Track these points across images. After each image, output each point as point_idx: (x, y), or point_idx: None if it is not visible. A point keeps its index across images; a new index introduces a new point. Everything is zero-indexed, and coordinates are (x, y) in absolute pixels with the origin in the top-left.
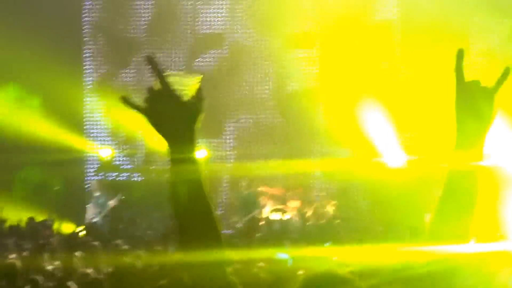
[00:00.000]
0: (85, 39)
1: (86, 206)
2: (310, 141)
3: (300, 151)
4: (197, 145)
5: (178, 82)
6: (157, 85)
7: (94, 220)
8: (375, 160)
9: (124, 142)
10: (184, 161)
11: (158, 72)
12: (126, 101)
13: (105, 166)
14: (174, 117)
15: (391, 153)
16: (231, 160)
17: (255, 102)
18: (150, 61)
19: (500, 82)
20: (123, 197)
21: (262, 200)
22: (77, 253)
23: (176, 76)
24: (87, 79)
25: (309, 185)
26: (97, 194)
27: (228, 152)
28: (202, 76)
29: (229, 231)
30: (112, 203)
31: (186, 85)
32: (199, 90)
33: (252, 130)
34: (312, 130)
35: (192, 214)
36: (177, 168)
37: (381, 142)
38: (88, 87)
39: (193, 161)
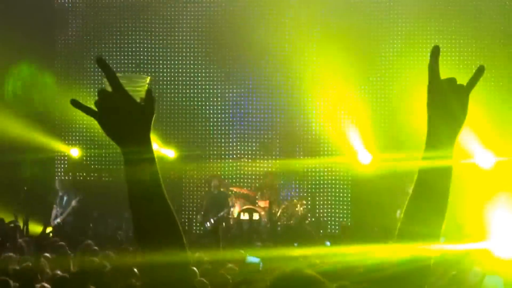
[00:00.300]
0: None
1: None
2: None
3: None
4: (151, 147)
5: (128, 84)
6: (108, 87)
7: (57, 220)
8: (351, 158)
9: (93, 141)
10: (139, 162)
11: (110, 74)
12: (76, 104)
13: (75, 166)
14: (126, 120)
15: (364, 151)
16: (204, 159)
17: None
18: (101, 62)
19: (474, 80)
20: (82, 198)
21: (232, 200)
22: (46, 254)
23: (126, 78)
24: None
25: (281, 184)
26: (60, 193)
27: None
28: (150, 77)
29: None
30: (74, 203)
31: (137, 87)
32: (149, 91)
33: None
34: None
35: (150, 216)
36: (131, 169)
37: (356, 139)
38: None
39: (148, 161)
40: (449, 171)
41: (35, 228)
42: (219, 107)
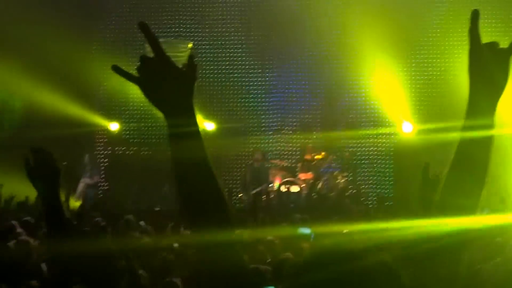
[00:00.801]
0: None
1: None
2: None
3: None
4: (196, 117)
5: (170, 49)
6: (150, 53)
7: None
8: (394, 128)
9: (132, 115)
10: (185, 135)
11: (152, 39)
12: (118, 70)
13: (114, 140)
14: (170, 85)
15: (407, 121)
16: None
17: None
18: (143, 28)
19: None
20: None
21: (272, 173)
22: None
23: (168, 43)
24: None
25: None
26: (88, 167)
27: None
28: (192, 43)
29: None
30: (92, 180)
31: (178, 52)
32: (191, 57)
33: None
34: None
35: (198, 193)
36: (177, 144)
37: (398, 110)
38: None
39: (194, 135)
40: (490, 141)
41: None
42: (259, 79)
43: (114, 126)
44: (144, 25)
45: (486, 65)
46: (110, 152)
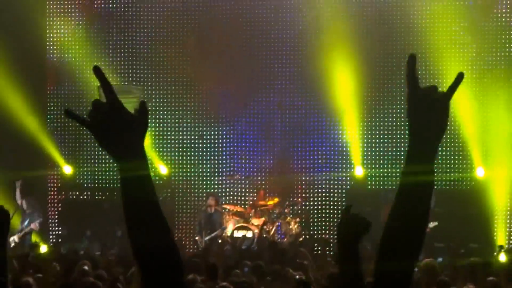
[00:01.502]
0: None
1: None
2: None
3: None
4: (147, 161)
5: (122, 95)
6: (103, 98)
7: (14, 238)
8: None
9: (86, 159)
10: (135, 179)
11: (105, 84)
12: (70, 114)
13: (68, 185)
14: (121, 131)
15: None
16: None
17: None
18: (97, 72)
19: (453, 87)
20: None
21: (226, 218)
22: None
23: (120, 88)
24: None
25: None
26: (27, 211)
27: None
28: (144, 87)
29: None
30: (35, 226)
31: (130, 97)
32: (143, 103)
33: None
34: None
35: (148, 238)
36: (128, 187)
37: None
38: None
39: (145, 179)
40: (429, 188)
41: None
42: (212, 124)
43: (67, 170)
44: (98, 69)
45: (425, 110)
46: (63, 197)
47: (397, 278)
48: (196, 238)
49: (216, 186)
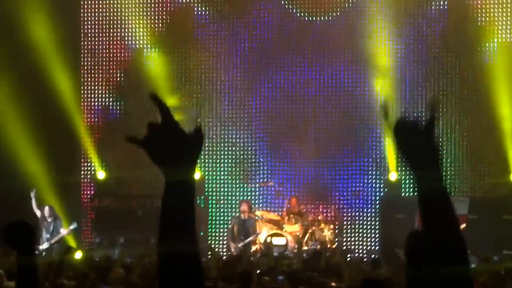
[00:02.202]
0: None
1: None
2: None
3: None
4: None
5: (179, 115)
6: (160, 120)
7: (43, 247)
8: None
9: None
10: (181, 192)
11: (162, 108)
12: (131, 139)
13: (101, 192)
14: (178, 153)
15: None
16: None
17: None
18: (154, 97)
19: (431, 122)
20: (77, 226)
21: (259, 225)
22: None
23: (176, 110)
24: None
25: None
26: (49, 220)
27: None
28: (199, 108)
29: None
30: (65, 231)
31: (186, 118)
32: (198, 122)
33: None
34: None
35: (176, 248)
36: (171, 190)
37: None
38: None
39: (190, 191)
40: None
41: None
42: (245, 131)
43: (101, 175)
44: (154, 95)
45: (410, 147)
46: (97, 204)
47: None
48: (230, 244)
49: (249, 193)
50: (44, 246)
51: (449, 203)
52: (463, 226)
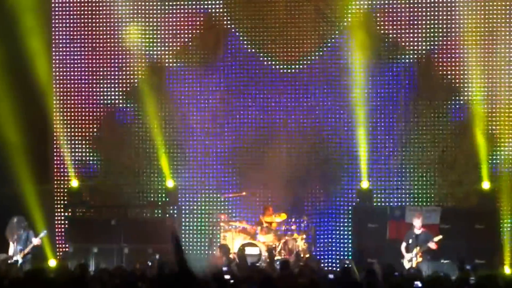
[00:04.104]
0: None
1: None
2: None
3: None
4: None
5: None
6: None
7: (15, 258)
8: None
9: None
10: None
11: (180, 253)
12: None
13: (74, 202)
14: None
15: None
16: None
17: None
18: (175, 240)
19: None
20: (46, 232)
21: (232, 235)
22: None
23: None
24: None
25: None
26: (20, 231)
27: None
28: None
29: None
30: (36, 240)
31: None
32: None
33: None
34: None
35: None
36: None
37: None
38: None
39: None
40: None
41: None
42: (218, 138)
43: (74, 183)
44: (176, 237)
45: None
46: (70, 213)
47: None
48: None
49: (222, 203)
50: (17, 257)
51: None
52: (439, 237)
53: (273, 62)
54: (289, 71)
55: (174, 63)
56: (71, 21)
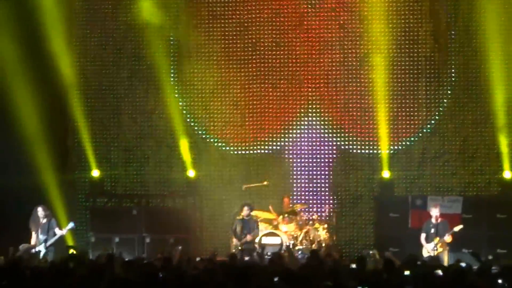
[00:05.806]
0: None
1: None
2: None
3: None
4: None
5: None
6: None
7: (38, 248)
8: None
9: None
10: None
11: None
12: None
13: (95, 191)
14: None
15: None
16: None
17: None
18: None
19: None
20: (74, 226)
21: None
22: None
23: None
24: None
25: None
26: (43, 220)
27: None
28: None
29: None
30: (62, 231)
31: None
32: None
33: None
34: None
35: None
36: None
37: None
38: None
39: None
40: None
41: None
42: (239, 129)
43: (95, 173)
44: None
45: None
46: (92, 204)
47: None
48: (232, 240)
49: (244, 193)
50: (41, 247)
51: None
52: (460, 227)
53: (293, 51)
54: (309, 60)
55: (194, 53)
56: (93, 17)
